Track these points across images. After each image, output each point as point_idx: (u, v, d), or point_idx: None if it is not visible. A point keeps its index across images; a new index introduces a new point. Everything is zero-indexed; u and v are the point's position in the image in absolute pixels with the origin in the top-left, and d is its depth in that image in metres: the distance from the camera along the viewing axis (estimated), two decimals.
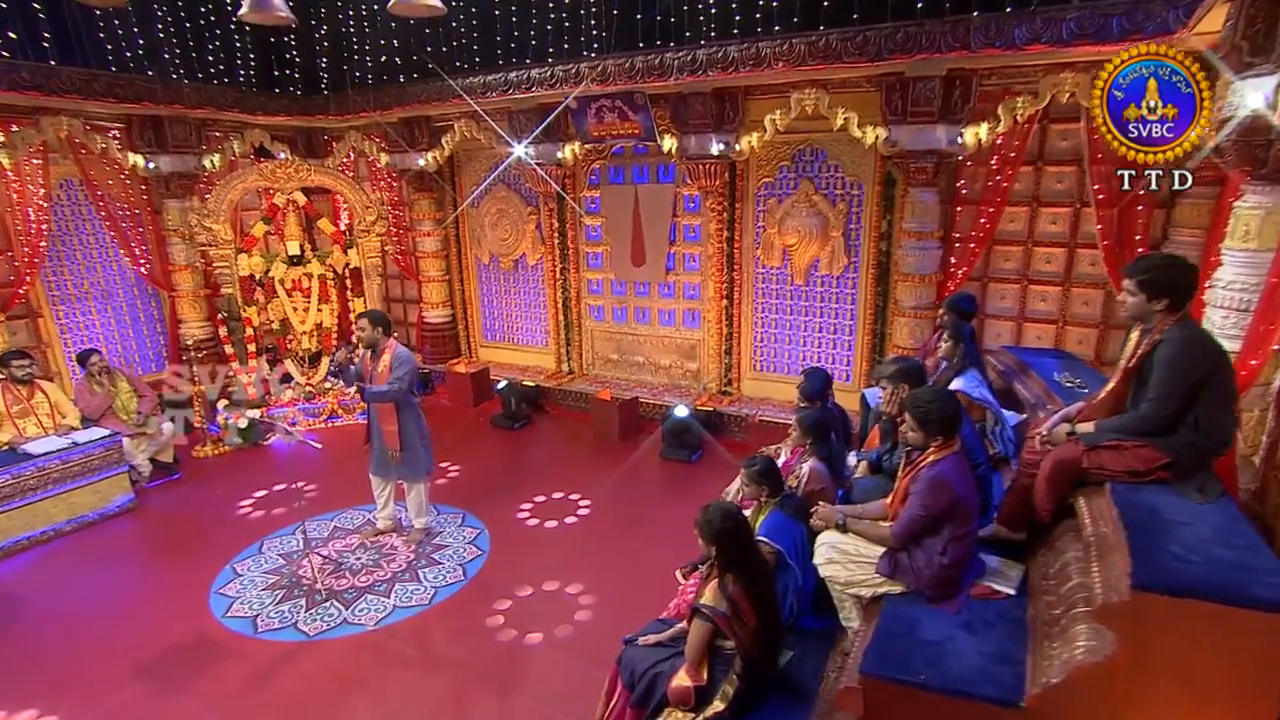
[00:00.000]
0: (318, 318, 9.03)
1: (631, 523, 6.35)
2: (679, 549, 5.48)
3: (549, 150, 8.36)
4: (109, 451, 6.66)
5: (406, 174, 9.50)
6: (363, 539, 6.16)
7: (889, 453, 4.13)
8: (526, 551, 5.93)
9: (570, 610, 5.15)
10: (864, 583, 3.57)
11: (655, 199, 8.34)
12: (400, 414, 5.69)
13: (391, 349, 5.69)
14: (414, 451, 5.81)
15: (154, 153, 8.48)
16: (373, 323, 5.67)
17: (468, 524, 6.38)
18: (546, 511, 6.55)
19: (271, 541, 6.20)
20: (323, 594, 5.37)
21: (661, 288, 8.65)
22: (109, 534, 6.44)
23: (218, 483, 7.41)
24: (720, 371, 8.38)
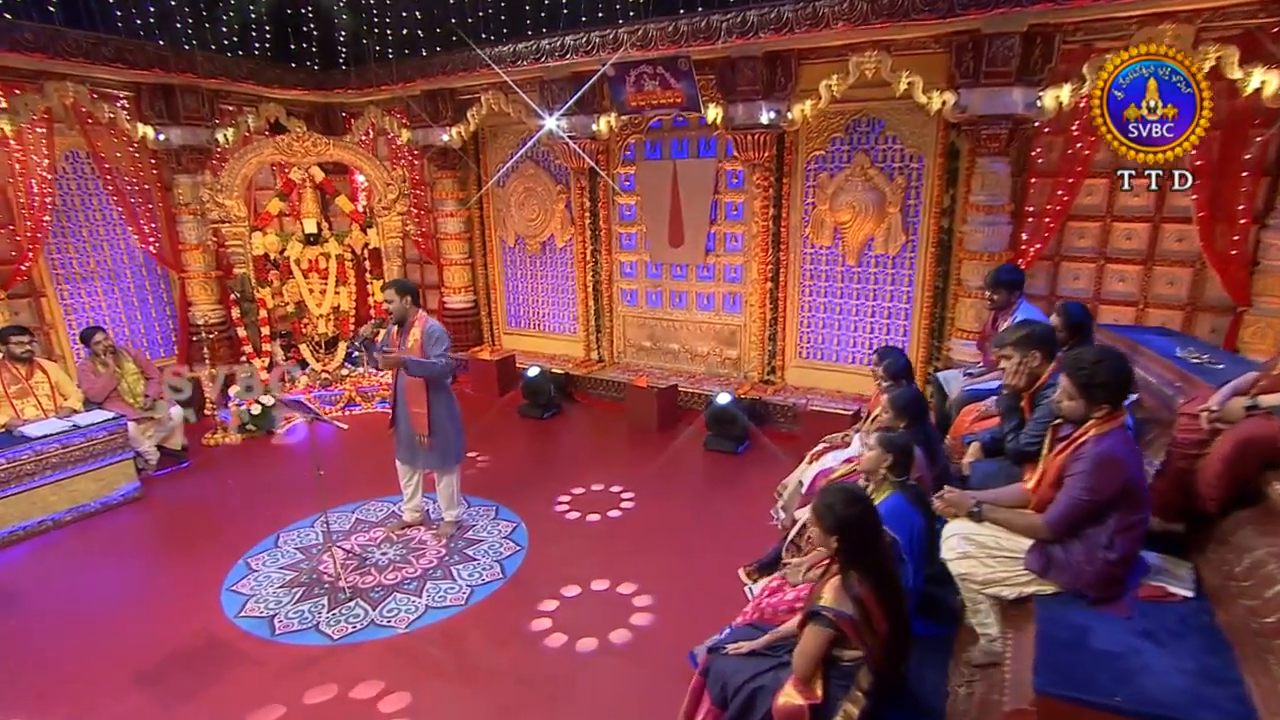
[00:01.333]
0: (335, 300, 8.44)
1: (680, 517, 5.77)
2: (735, 545, 5.05)
3: (582, 123, 7.79)
4: (113, 436, 6.06)
5: (429, 151, 8.94)
6: (388, 533, 5.57)
7: (1014, 431, 3.52)
8: (569, 547, 5.34)
9: (625, 613, 4.55)
10: (1007, 581, 2.96)
11: (695, 175, 7.76)
12: (430, 395, 5.10)
13: (421, 322, 5.10)
14: (444, 437, 5.22)
15: (164, 124, 7.92)
16: (400, 291, 5.07)
17: (502, 517, 5.78)
18: (587, 504, 5.97)
19: (288, 535, 5.61)
20: (347, 592, 4.77)
21: (700, 270, 8.07)
22: (112, 525, 5.85)
23: (230, 472, 6.83)
24: (763, 359, 7.79)
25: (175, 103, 7.90)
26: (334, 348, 8.56)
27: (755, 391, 7.50)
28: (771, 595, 3.80)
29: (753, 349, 7.85)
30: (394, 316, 5.08)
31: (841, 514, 2.79)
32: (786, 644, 3.19)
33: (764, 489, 5.78)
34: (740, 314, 7.93)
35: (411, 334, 5.08)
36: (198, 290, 8.46)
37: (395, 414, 5.31)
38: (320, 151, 8.11)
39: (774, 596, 3.77)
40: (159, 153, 8.09)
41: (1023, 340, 3.48)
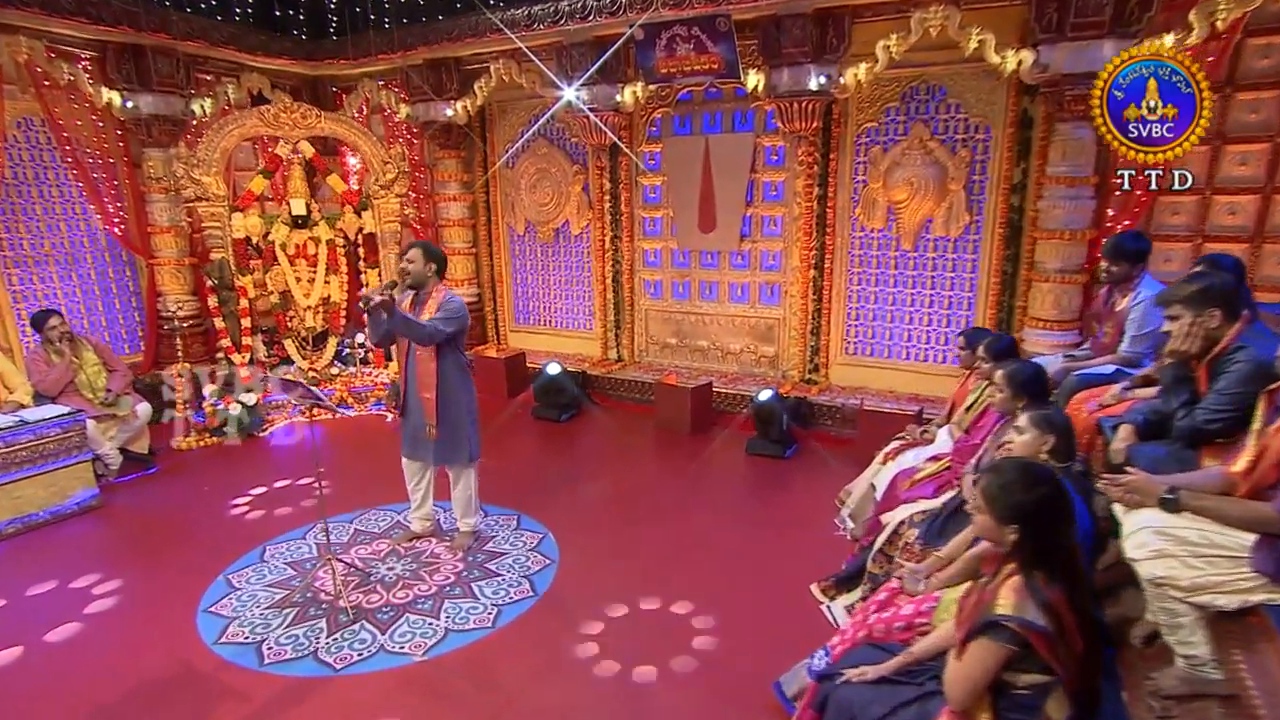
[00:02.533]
0: (324, 291, 7.85)
1: (730, 526, 5.24)
2: (797, 558, 4.66)
3: (605, 93, 7.28)
4: (68, 434, 5.41)
5: (430, 129, 8.39)
6: (393, 545, 4.97)
7: (1184, 407, 2.99)
8: (607, 561, 4.77)
9: (684, 636, 3.97)
10: (1223, 586, 2.41)
11: (730, 151, 7.28)
12: (442, 377, 4.53)
13: (440, 295, 4.53)
14: (457, 428, 4.64)
15: (133, 90, 7.27)
16: (426, 255, 4.51)
17: (525, 528, 5.19)
18: (620, 513, 5.44)
19: (276, 547, 4.98)
20: (349, 613, 4.15)
21: (734, 257, 7.58)
22: (65, 538, 5.20)
23: (204, 478, 6.19)
24: (804, 356, 7.27)
25: (146, 66, 7.28)
26: (323, 344, 7.95)
27: (797, 391, 6.95)
28: (881, 610, 3.26)
29: (793, 345, 7.34)
30: (410, 279, 4.51)
31: (1022, 498, 2.25)
32: (929, 668, 2.65)
33: (819, 496, 5.47)
34: (779, 306, 7.44)
35: (427, 308, 4.50)
36: (168, 278, 7.80)
37: (404, 401, 4.71)
38: (311, 125, 7.57)
39: (884, 611, 3.24)
40: (126, 123, 7.45)
41: (1197, 296, 2.95)
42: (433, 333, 4.31)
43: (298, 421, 7.38)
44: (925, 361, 6.79)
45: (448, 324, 4.39)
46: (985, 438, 4.01)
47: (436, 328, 4.33)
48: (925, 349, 6.79)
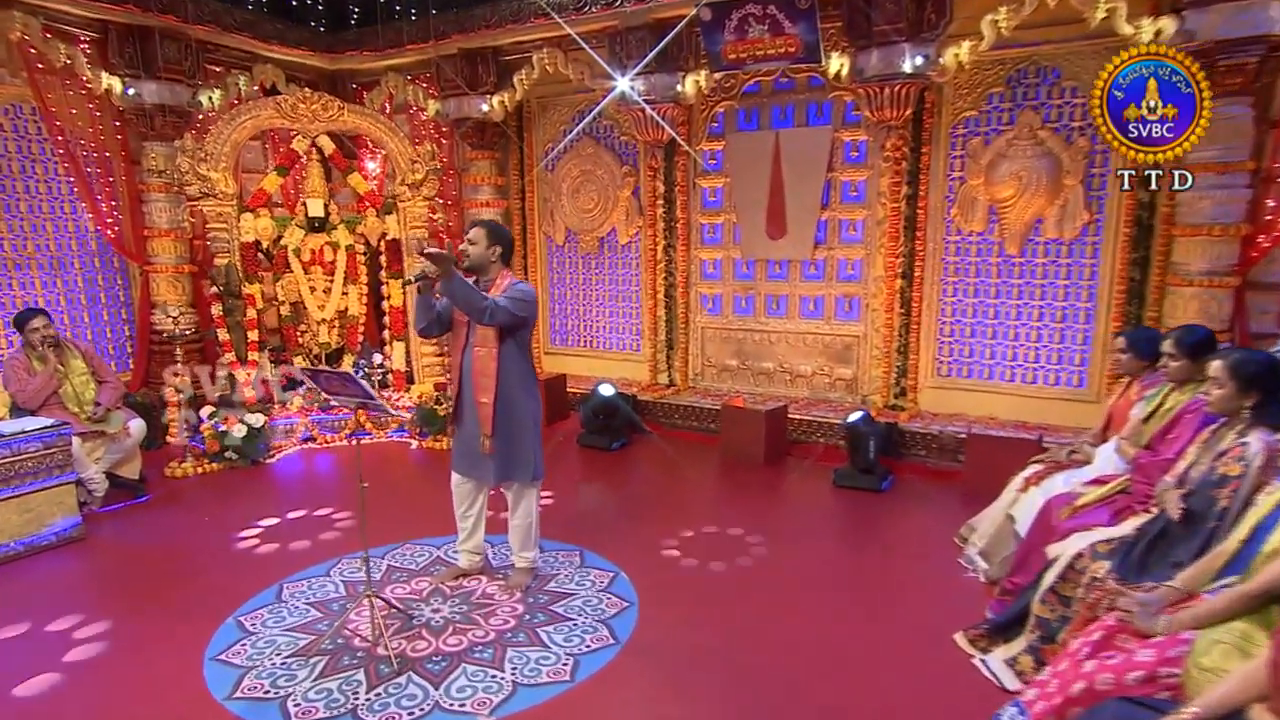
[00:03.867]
0: (341, 303, 7.39)
1: (832, 568, 4.71)
2: (921, 604, 4.18)
3: (664, 83, 6.91)
4: (51, 451, 4.87)
5: (462, 127, 8.03)
6: (436, 583, 4.39)
7: None
8: (696, 604, 4.18)
9: (809, 694, 3.41)
10: None
11: (804, 148, 6.88)
12: (503, 379, 3.99)
13: (506, 283, 4.02)
14: (517, 439, 4.09)
15: (136, 76, 6.93)
16: (492, 235, 4.02)
17: (591, 565, 4.62)
18: (704, 550, 4.83)
19: (295, 586, 4.39)
20: (393, 663, 3.54)
21: (806, 267, 7.13)
22: (41, 573, 4.61)
23: (203, 508, 5.63)
24: (889, 379, 6.75)
25: (152, 51, 6.95)
26: (337, 362, 7.45)
27: (884, 417, 6.41)
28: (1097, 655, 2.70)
29: (875, 366, 6.84)
30: (469, 262, 4.01)
31: None
32: None
33: (930, 533, 5.04)
34: (858, 322, 6.97)
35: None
36: (165, 287, 7.35)
37: (458, 407, 4.17)
38: (332, 117, 7.20)
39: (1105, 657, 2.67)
40: (126, 113, 7.10)
41: None
42: (494, 309, 3.79)
43: (309, 447, 6.85)
44: (1033, 384, 6.27)
45: (514, 305, 3.88)
46: (1182, 449, 3.47)
47: (499, 304, 3.81)
48: (1034, 369, 6.26)
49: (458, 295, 3.72)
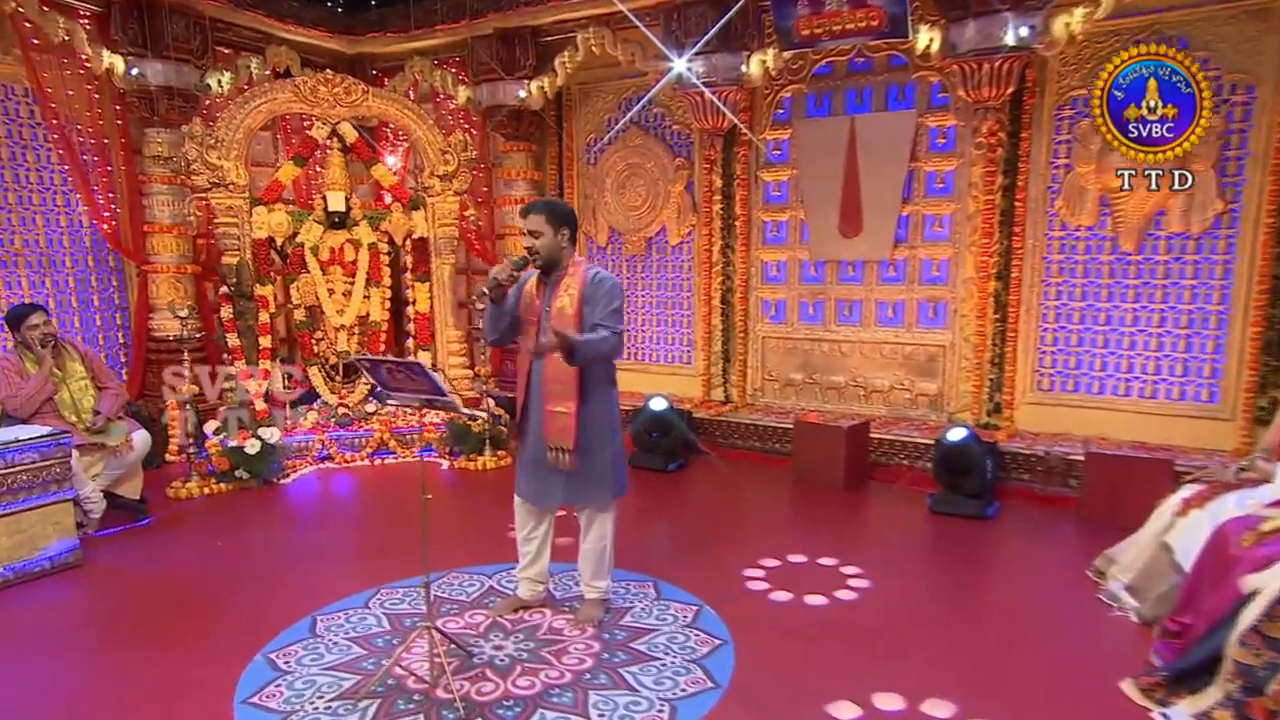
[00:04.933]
0: (362, 308, 7.15)
1: (954, 603, 4.40)
2: (1063, 645, 3.84)
3: (726, 64, 6.72)
4: (49, 463, 4.60)
5: (496, 116, 7.87)
6: (493, 616, 4.10)
7: None
8: (801, 642, 3.88)
9: None
10: None
11: (883, 135, 6.68)
12: (584, 382, 3.74)
13: (581, 272, 3.77)
14: (598, 454, 3.83)
15: (140, 55, 6.80)
16: (554, 219, 3.74)
17: (668, 597, 4.32)
18: (794, 582, 4.55)
19: (330, 618, 4.08)
20: (460, 708, 3.23)
21: (884, 269, 6.91)
22: (34, 604, 4.31)
23: (214, 532, 5.36)
24: (981, 394, 6.47)
25: (159, 27, 6.81)
26: (356, 375, 7.17)
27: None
28: None
29: (964, 380, 6.58)
30: (541, 257, 3.74)
31: None
32: None
33: (1055, 565, 4.79)
34: (945, 330, 6.72)
35: (563, 291, 3.74)
36: (165, 289, 7.18)
37: (524, 417, 3.90)
38: (355, 102, 7.03)
39: None
40: (128, 96, 6.95)
41: None
42: (615, 343, 3.64)
43: (326, 467, 6.61)
44: (1153, 399, 5.96)
45: (615, 314, 3.66)
46: None
47: (616, 328, 3.63)
48: (1154, 383, 5.96)
49: (589, 359, 3.59)
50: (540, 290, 3.82)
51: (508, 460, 6.68)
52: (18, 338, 5.15)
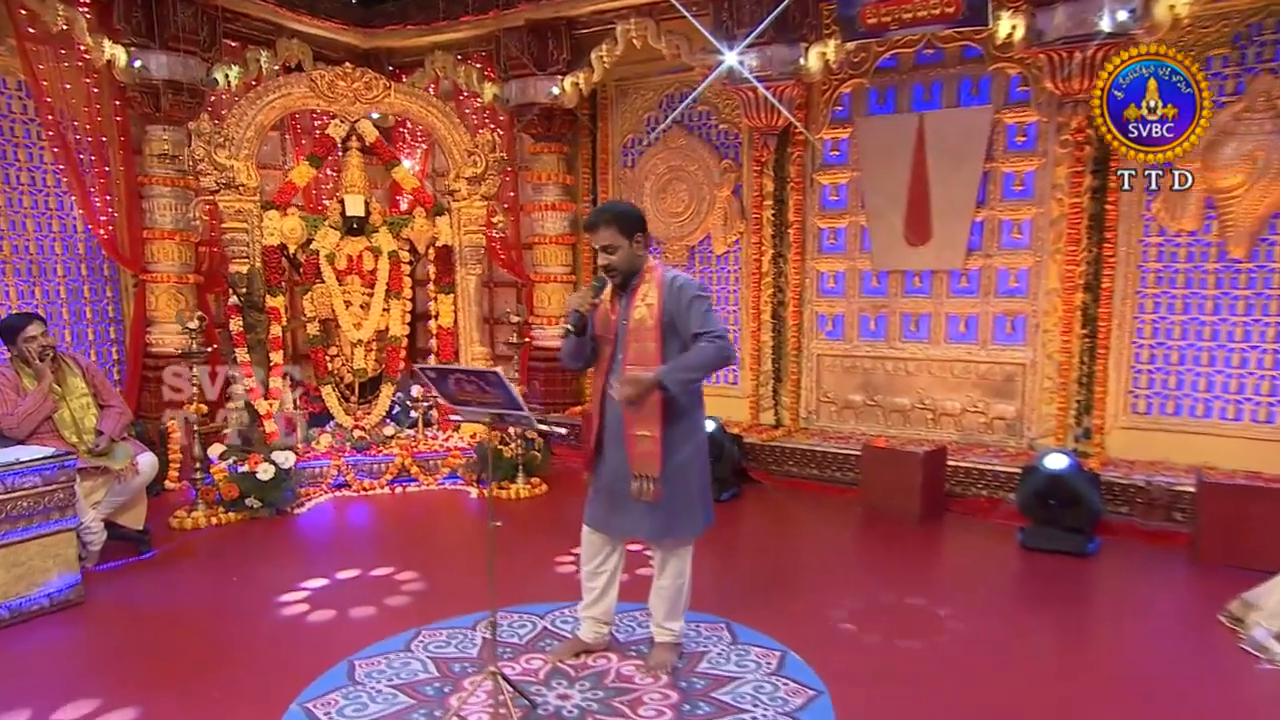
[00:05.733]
0: (381, 321, 7.02)
1: (1072, 650, 4.28)
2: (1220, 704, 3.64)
3: (781, 57, 6.63)
4: (51, 489, 4.42)
5: (525, 116, 7.84)
6: (553, 661, 3.91)
7: None
8: (906, 692, 3.70)
9: None
10: None
11: (955, 133, 6.61)
12: (670, 402, 3.55)
13: (659, 276, 3.61)
14: (684, 483, 3.65)
15: (144, 46, 6.74)
16: (624, 225, 3.58)
17: (745, 641, 4.14)
18: (882, 624, 4.40)
19: (369, 663, 3.88)
20: None
21: (955, 280, 6.83)
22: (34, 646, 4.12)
23: (227, 566, 5.22)
24: (1067, 417, 6.34)
25: (165, 16, 6.75)
26: (373, 395, 7.07)
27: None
28: None
29: (1047, 402, 6.47)
30: (620, 273, 3.59)
31: None
32: None
33: (1177, 610, 4.77)
34: (1024, 346, 6.62)
35: (640, 300, 3.59)
36: (164, 301, 7.08)
37: (600, 443, 3.73)
38: (375, 98, 6.97)
39: None
40: (129, 90, 6.87)
41: None
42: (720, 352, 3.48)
43: (343, 495, 6.48)
44: (1269, 423, 5.80)
45: (707, 316, 3.51)
46: None
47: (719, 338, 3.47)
48: (1270, 405, 5.81)
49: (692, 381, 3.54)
50: (615, 301, 3.66)
51: (543, 488, 6.58)
52: (13, 351, 4.99)
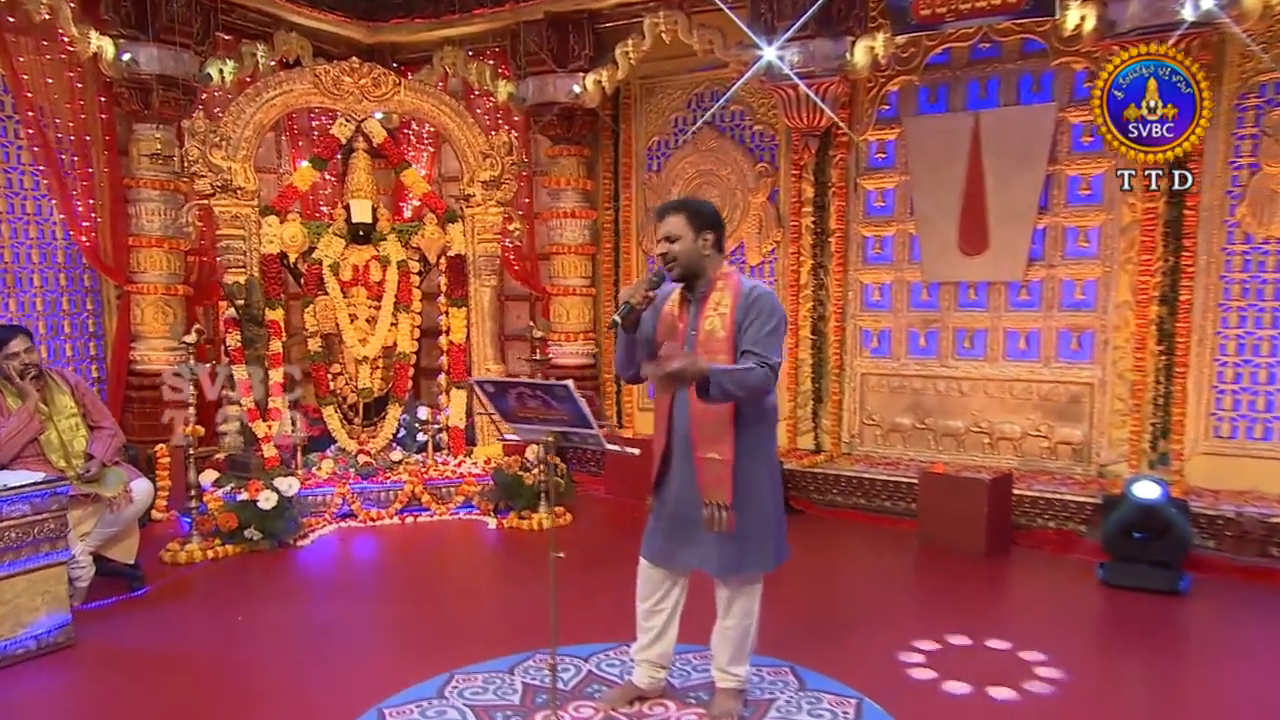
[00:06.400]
0: (389, 336, 6.96)
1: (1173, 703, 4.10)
2: None
3: (825, 51, 6.58)
4: (41, 518, 4.25)
5: (544, 116, 7.83)
6: (605, 708, 3.75)
7: None
8: None
9: None
10: None
11: (1015, 133, 6.56)
12: (743, 422, 3.42)
13: (734, 284, 3.47)
14: (759, 513, 3.50)
15: (133, 38, 6.72)
16: (695, 219, 3.44)
17: (816, 687, 3.98)
18: (966, 669, 4.22)
19: (401, 712, 3.73)
20: None
21: (1015, 292, 6.77)
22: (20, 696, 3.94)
23: (225, 604, 5.08)
24: (1142, 442, 6.23)
25: (157, 6, 6.73)
26: (379, 416, 7.00)
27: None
28: None
29: (1117, 425, 6.36)
30: (679, 266, 3.44)
31: None
32: None
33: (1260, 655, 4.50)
34: (1092, 364, 6.54)
35: (712, 309, 3.44)
36: (150, 314, 7.03)
37: (666, 467, 3.57)
38: (384, 95, 7.00)
39: None
40: (117, 85, 6.84)
41: None
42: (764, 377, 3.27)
43: (349, 526, 6.37)
44: None
45: (771, 339, 3.34)
46: None
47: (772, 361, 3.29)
48: None
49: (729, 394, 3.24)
50: (684, 309, 3.52)
51: (567, 518, 6.47)
52: None
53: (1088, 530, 5.82)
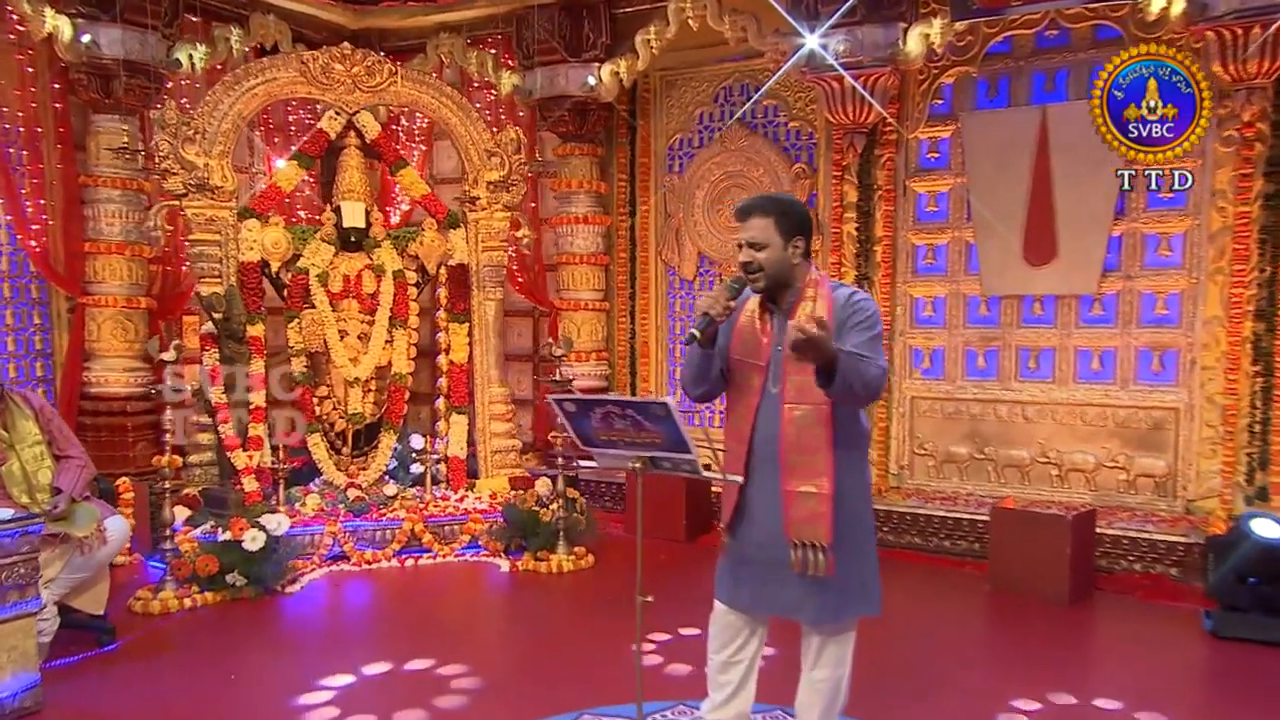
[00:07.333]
0: (383, 354, 6.84)
1: None
2: None
3: (875, 39, 6.58)
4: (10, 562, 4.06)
5: (553, 112, 7.80)
6: None
7: None
8: None
9: None
10: None
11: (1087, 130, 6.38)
12: (841, 456, 3.28)
13: (823, 291, 3.31)
14: (858, 552, 3.36)
15: (93, 18, 6.72)
16: (784, 220, 3.29)
17: None
18: None
19: None
20: None
21: (1086, 306, 6.75)
22: None
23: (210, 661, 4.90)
24: (1236, 474, 6.17)
25: None
26: (370, 445, 6.88)
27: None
28: None
29: (1207, 456, 6.30)
30: (765, 276, 3.29)
31: None
32: None
33: None
34: (1177, 387, 6.51)
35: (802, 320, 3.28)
36: (107, 330, 6.97)
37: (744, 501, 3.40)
38: (378, 86, 6.96)
39: None
40: (73, 70, 6.82)
41: None
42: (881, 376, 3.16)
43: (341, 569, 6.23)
44: None
45: (875, 344, 3.23)
46: None
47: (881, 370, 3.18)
48: None
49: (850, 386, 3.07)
50: (766, 321, 3.36)
51: (589, 560, 6.35)
52: None
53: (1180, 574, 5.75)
